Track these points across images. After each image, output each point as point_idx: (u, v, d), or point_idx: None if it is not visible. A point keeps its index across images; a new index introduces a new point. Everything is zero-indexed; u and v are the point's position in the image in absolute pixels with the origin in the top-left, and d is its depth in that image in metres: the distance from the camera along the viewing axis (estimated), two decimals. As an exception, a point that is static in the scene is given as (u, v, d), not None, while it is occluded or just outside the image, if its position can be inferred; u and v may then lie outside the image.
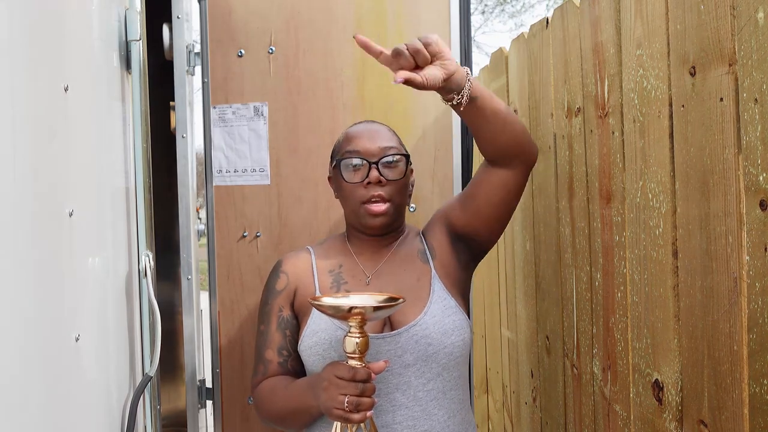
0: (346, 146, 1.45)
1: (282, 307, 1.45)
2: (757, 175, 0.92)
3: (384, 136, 1.45)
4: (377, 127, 1.48)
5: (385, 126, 1.51)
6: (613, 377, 1.43)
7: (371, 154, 1.42)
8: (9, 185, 0.81)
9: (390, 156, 1.42)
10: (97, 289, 1.13)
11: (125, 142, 1.32)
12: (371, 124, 1.51)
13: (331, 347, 1.34)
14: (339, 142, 1.50)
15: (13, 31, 0.84)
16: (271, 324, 1.45)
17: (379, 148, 1.42)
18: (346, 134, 1.49)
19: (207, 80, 2.02)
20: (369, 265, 1.48)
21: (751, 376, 0.96)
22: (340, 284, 1.45)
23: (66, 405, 0.98)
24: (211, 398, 2.09)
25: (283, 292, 1.47)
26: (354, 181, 1.42)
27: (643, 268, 1.27)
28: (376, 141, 1.43)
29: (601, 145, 1.44)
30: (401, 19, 1.96)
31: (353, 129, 1.49)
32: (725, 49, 0.98)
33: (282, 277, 1.48)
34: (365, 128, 1.47)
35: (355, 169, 1.42)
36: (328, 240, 1.58)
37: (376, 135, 1.44)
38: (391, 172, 1.42)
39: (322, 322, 1.37)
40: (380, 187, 1.40)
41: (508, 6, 15.33)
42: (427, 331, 1.36)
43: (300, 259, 1.51)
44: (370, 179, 1.39)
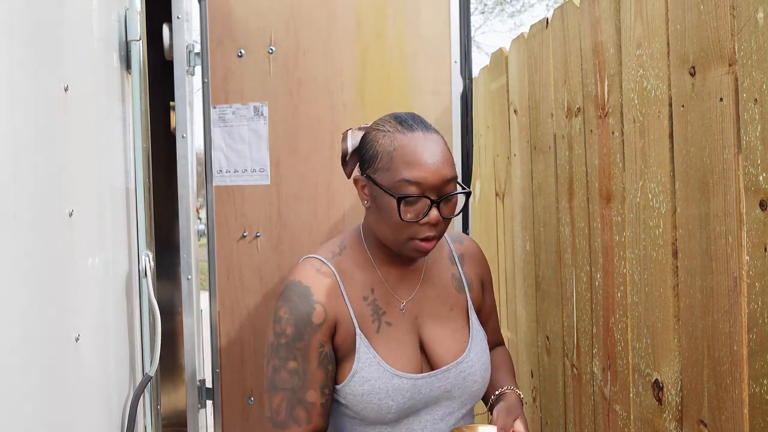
0: (404, 171, 1.20)
1: (323, 343, 1.26)
2: (756, 175, 0.92)
3: (446, 159, 1.23)
4: (437, 143, 1.24)
5: (441, 137, 1.27)
6: (613, 377, 1.43)
7: (433, 188, 1.20)
8: (9, 185, 0.81)
9: (453, 191, 1.24)
10: (97, 289, 1.13)
11: (125, 142, 1.32)
12: (428, 134, 1.24)
13: (388, 396, 1.25)
14: (389, 153, 1.23)
15: (13, 32, 0.84)
16: (311, 361, 1.24)
17: (442, 181, 1.20)
18: (402, 148, 1.22)
19: (207, 80, 2.02)
20: (400, 287, 1.34)
21: (751, 376, 0.96)
22: (379, 315, 1.31)
23: (66, 405, 0.98)
24: (211, 398, 2.09)
25: (322, 326, 1.25)
26: (408, 218, 1.21)
27: (643, 268, 1.27)
28: (439, 169, 1.20)
29: (601, 145, 1.44)
30: (401, 19, 1.96)
31: (411, 144, 1.22)
32: (725, 49, 0.98)
33: (318, 309, 1.25)
34: (425, 146, 1.22)
35: (411, 205, 1.21)
36: (346, 250, 1.35)
37: (438, 160, 1.21)
38: (450, 208, 1.25)
39: (373, 369, 1.26)
40: (436, 225, 1.23)
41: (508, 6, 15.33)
42: (472, 368, 1.34)
43: (327, 284, 1.29)
44: (429, 220, 1.21)
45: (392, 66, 1.96)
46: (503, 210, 2.44)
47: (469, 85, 1.98)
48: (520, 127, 2.10)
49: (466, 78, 1.97)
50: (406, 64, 1.96)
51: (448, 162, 1.23)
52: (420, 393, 1.29)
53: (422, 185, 1.19)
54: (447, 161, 1.23)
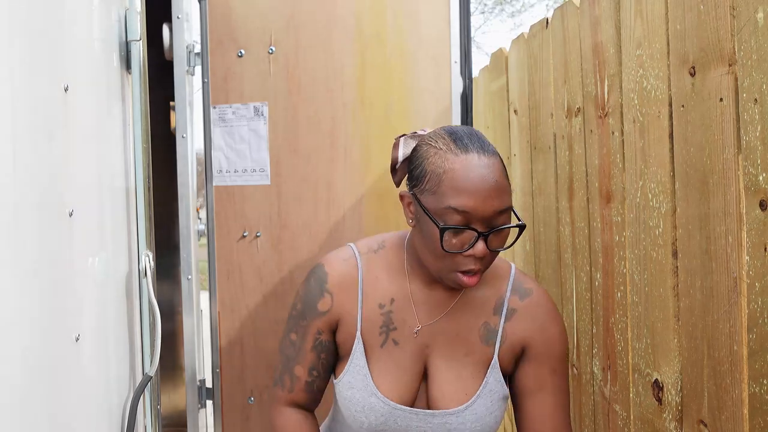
0: (451, 197, 1.09)
1: (321, 331, 1.27)
2: (756, 175, 0.92)
3: (501, 186, 1.10)
4: (493, 168, 1.11)
5: (500, 159, 1.14)
6: (613, 377, 1.43)
7: (483, 219, 1.09)
8: (9, 185, 0.81)
9: (505, 222, 1.12)
10: (97, 289, 1.13)
11: (125, 142, 1.32)
12: (485, 157, 1.11)
13: (363, 412, 1.23)
14: (438, 174, 1.12)
15: (13, 31, 0.84)
16: (306, 342, 1.28)
17: (492, 212, 1.09)
18: (453, 172, 1.10)
19: (207, 80, 2.02)
20: (424, 310, 1.25)
21: (751, 376, 0.96)
22: (388, 329, 1.24)
23: (66, 405, 0.98)
24: (211, 398, 2.09)
25: (324, 316, 1.26)
26: (452, 249, 1.11)
27: (643, 268, 1.27)
28: (492, 198, 1.09)
29: (601, 145, 1.44)
30: (401, 19, 1.96)
31: (462, 167, 1.10)
32: (725, 49, 0.98)
33: (326, 298, 1.26)
34: (479, 171, 1.10)
35: (456, 234, 1.11)
36: (383, 250, 1.29)
37: (492, 187, 1.09)
38: (500, 240, 1.14)
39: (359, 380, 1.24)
40: (482, 259, 1.12)
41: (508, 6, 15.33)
42: (462, 427, 1.22)
43: (347, 277, 1.26)
44: (474, 252, 1.11)
45: (392, 66, 1.96)
46: (503, 210, 2.43)
47: (469, 85, 1.98)
48: (520, 127, 2.10)
49: (466, 78, 1.97)
50: (406, 64, 1.96)
51: (503, 191, 1.10)
52: (396, 423, 1.23)
53: (470, 215, 1.09)
54: (502, 189, 1.10)
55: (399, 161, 1.22)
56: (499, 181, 1.10)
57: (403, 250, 1.28)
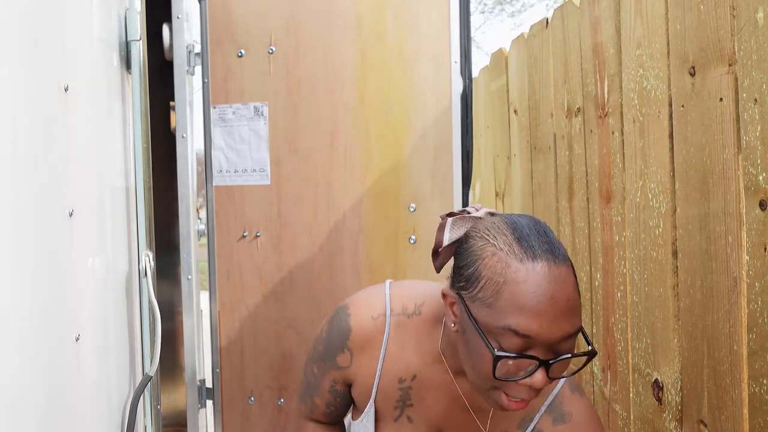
0: (511, 316, 0.90)
1: (337, 381, 1.20)
2: (756, 175, 0.92)
3: (573, 306, 0.91)
4: (566, 288, 0.91)
5: (571, 270, 0.94)
6: (613, 377, 1.43)
7: (547, 345, 0.91)
8: (9, 185, 0.81)
9: (571, 348, 0.94)
10: (97, 289, 1.13)
11: (125, 142, 1.32)
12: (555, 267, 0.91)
13: None
14: (496, 284, 0.92)
15: (13, 31, 0.84)
16: (324, 383, 1.22)
17: (562, 337, 0.90)
18: (516, 285, 0.90)
19: (207, 80, 2.02)
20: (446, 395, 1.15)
21: (751, 375, 0.96)
22: (404, 405, 1.14)
23: (66, 405, 0.98)
24: (211, 398, 2.09)
25: (342, 371, 1.18)
26: (505, 376, 0.93)
27: (643, 268, 1.27)
28: (562, 320, 0.90)
29: (601, 145, 1.44)
30: (401, 19, 1.96)
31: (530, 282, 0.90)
32: (725, 49, 0.98)
33: (346, 354, 1.16)
34: (550, 290, 0.90)
35: (514, 361, 0.92)
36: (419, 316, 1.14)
37: (563, 309, 0.90)
38: (561, 368, 0.95)
39: None
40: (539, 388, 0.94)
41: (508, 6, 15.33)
42: None
43: (371, 341, 1.15)
44: (531, 383, 0.92)
45: (392, 66, 1.96)
46: (503, 210, 2.44)
47: (469, 85, 1.98)
48: (520, 127, 2.10)
49: (467, 78, 1.97)
50: (406, 64, 1.96)
51: (575, 311, 0.91)
52: None
53: (533, 340, 0.90)
54: (573, 310, 0.91)
55: (444, 245, 1.04)
56: (571, 299, 0.91)
57: (440, 327, 1.11)
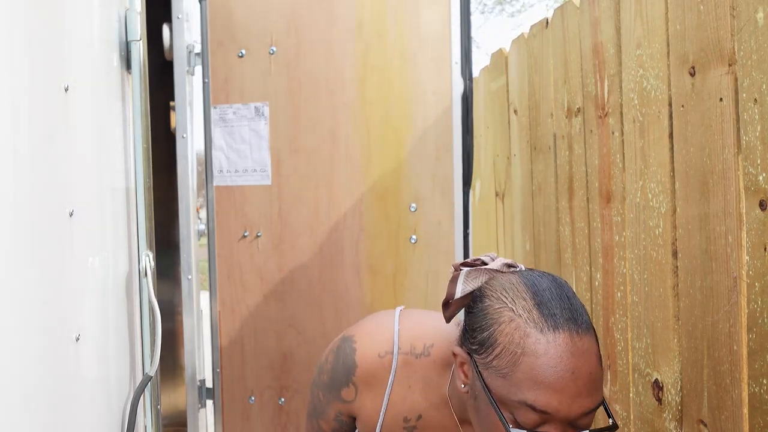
0: (528, 391, 0.84)
1: (341, 413, 1.19)
2: (756, 175, 0.92)
3: (595, 381, 0.85)
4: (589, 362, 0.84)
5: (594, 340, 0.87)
6: (613, 377, 1.43)
7: (567, 421, 0.84)
8: (9, 185, 0.81)
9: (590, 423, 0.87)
10: (97, 289, 1.13)
11: (125, 142, 1.32)
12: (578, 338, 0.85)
13: None
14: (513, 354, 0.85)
15: (13, 31, 0.84)
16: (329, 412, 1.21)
17: (580, 414, 0.84)
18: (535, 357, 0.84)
19: (207, 80, 2.02)
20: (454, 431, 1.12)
21: (751, 375, 0.96)
22: None
23: (66, 405, 0.99)
24: (212, 398, 2.09)
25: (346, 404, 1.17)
26: None
27: (643, 268, 1.27)
28: (584, 396, 0.83)
29: (601, 145, 1.44)
30: (402, 20, 1.96)
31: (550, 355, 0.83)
32: (725, 49, 0.98)
33: (350, 389, 1.15)
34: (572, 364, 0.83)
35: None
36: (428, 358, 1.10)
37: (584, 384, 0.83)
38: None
39: None
40: None
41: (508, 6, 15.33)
42: None
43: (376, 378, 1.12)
44: None
45: (393, 66, 1.96)
46: (503, 210, 2.44)
47: (469, 85, 1.98)
48: (520, 127, 2.10)
49: (467, 78, 1.97)
50: (407, 65, 1.96)
51: (597, 384, 0.84)
52: None
53: (551, 416, 0.83)
54: (596, 383, 0.84)
55: (456, 297, 1.00)
56: (594, 373, 0.84)
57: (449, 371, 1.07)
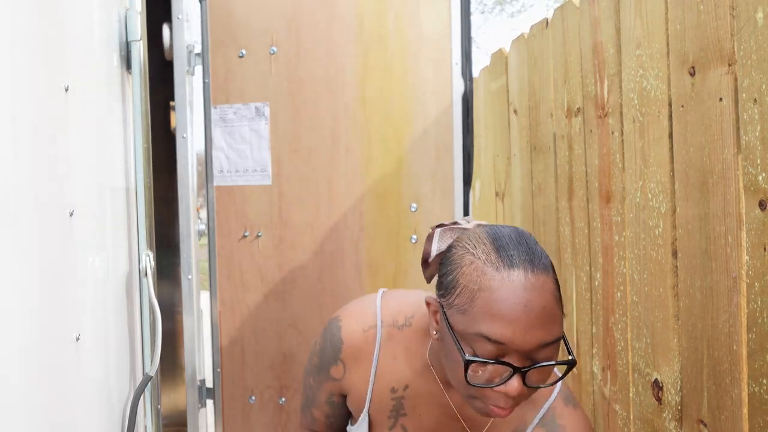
0: (484, 323, 0.89)
1: (333, 393, 1.22)
2: (756, 175, 0.92)
3: (549, 314, 0.89)
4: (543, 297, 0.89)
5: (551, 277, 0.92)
6: (613, 377, 1.43)
7: (521, 353, 0.88)
8: (9, 185, 0.81)
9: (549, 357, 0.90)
10: (97, 289, 1.14)
11: (125, 142, 1.32)
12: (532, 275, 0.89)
13: None
14: (471, 291, 0.91)
15: (13, 31, 0.84)
16: (320, 395, 1.24)
17: (537, 345, 0.88)
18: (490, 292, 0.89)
19: (208, 80, 2.02)
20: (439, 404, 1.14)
21: (751, 375, 0.96)
22: (398, 415, 1.14)
23: (66, 405, 0.99)
24: (212, 398, 2.09)
25: (336, 383, 1.20)
26: (479, 382, 0.91)
27: (643, 268, 1.27)
28: (537, 328, 0.88)
29: (600, 145, 1.44)
30: (402, 20, 1.96)
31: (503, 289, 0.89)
32: (724, 49, 0.98)
33: (339, 367, 1.18)
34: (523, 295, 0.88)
35: (489, 367, 0.91)
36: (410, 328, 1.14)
37: (537, 317, 0.88)
38: (540, 376, 0.92)
39: None
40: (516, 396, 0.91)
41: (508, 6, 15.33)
42: None
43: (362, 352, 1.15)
44: (507, 390, 0.89)
45: (393, 66, 1.96)
46: (503, 210, 2.44)
47: (469, 85, 1.98)
48: (520, 128, 2.10)
49: (467, 79, 1.97)
50: (407, 65, 1.96)
51: (553, 319, 0.89)
52: None
53: (506, 347, 0.88)
54: (551, 318, 0.89)
55: (432, 256, 1.04)
56: (548, 307, 0.89)
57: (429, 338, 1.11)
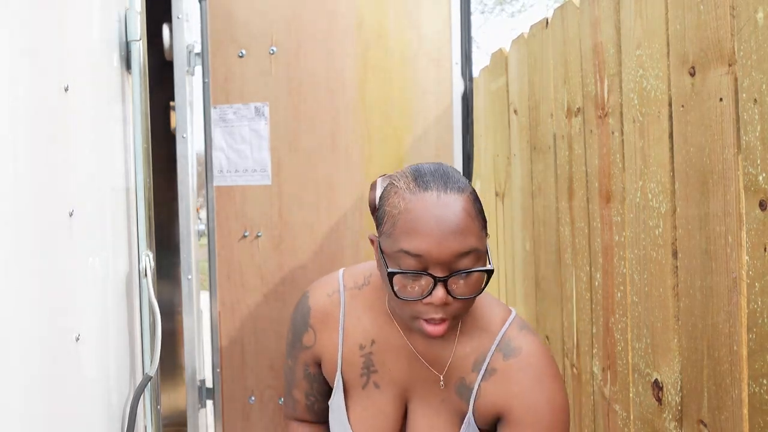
0: (403, 240, 0.99)
1: (308, 363, 1.27)
2: (756, 175, 0.92)
3: (462, 226, 0.98)
4: (453, 207, 0.98)
5: (465, 195, 1.01)
6: (613, 377, 1.43)
7: (440, 263, 0.98)
8: (9, 185, 0.81)
9: (470, 266, 0.99)
10: (97, 289, 1.14)
11: (125, 142, 1.32)
12: (445, 195, 0.99)
13: None
14: (394, 215, 1.01)
15: (13, 31, 0.84)
16: (298, 370, 1.28)
17: (452, 255, 0.97)
18: (406, 212, 0.99)
19: (207, 80, 2.02)
20: (404, 354, 1.19)
21: (751, 375, 0.96)
22: (369, 372, 1.19)
23: (66, 405, 0.99)
24: (212, 398, 2.09)
25: (309, 350, 1.25)
26: (408, 296, 1.01)
27: (643, 268, 1.27)
28: (449, 240, 0.97)
29: (600, 145, 1.44)
30: (402, 21, 1.96)
31: (417, 207, 0.99)
32: (725, 49, 0.98)
33: (309, 333, 1.24)
34: (435, 211, 0.98)
35: (412, 278, 1.00)
36: (368, 286, 1.22)
37: (450, 228, 0.97)
38: (465, 287, 1.01)
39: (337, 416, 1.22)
40: (444, 307, 1.00)
41: (508, 6, 15.34)
42: None
43: (329, 315, 1.22)
44: (432, 300, 0.99)
45: (393, 66, 1.96)
46: (503, 210, 2.44)
47: (469, 85, 1.98)
48: (520, 128, 2.10)
49: (467, 79, 1.97)
50: (407, 65, 1.96)
51: (465, 231, 0.98)
52: None
53: (425, 259, 0.97)
54: (463, 230, 0.97)
55: (377, 202, 1.12)
56: (459, 220, 0.98)
57: (386, 293, 1.18)
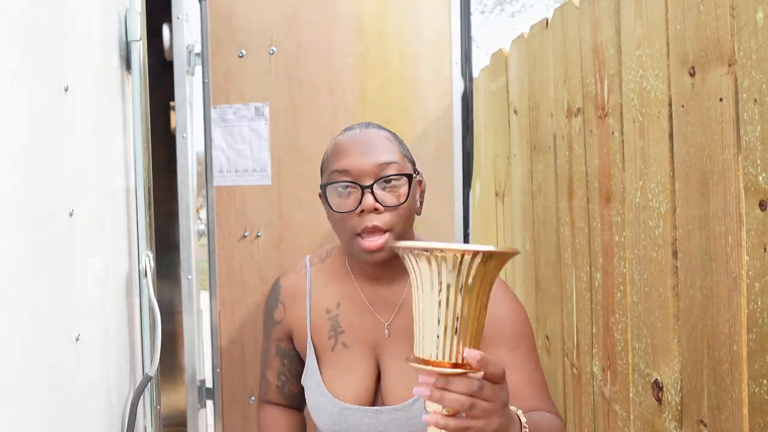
0: (334, 163, 1.18)
1: (280, 339, 1.35)
2: (756, 175, 0.92)
3: (381, 147, 1.17)
4: (372, 135, 1.19)
5: (384, 131, 1.23)
6: (613, 377, 1.43)
7: (364, 174, 1.15)
8: (9, 185, 0.81)
9: (389, 176, 1.16)
10: (97, 289, 1.14)
11: (125, 142, 1.32)
12: (365, 129, 1.21)
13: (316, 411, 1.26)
14: (326, 154, 1.23)
15: (13, 31, 0.84)
16: (271, 348, 1.37)
17: (374, 166, 1.15)
18: (334, 146, 1.21)
19: (207, 80, 2.02)
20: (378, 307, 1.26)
21: (751, 376, 0.96)
22: (337, 333, 1.26)
23: (66, 405, 0.99)
24: (211, 398, 2.09)
25: (280, 325, 1.35)
26: (343, 209, 1.16)
27: (643, 268, 1.27)
28: (369, 155, 1.16)
29: (600, 145, 1.44)
30: (402, 20, 1.96)
31: (342, 139, 1.21)
32: (725, 49, 0.98)
33: (279, 308, 1.35)
34: (356, 137, 1.19)
35: (345, 194, 1.16)
36: (330, 258, 1.34)
37: (370, 147, 1.16)
38: (391, 196, 1.16)
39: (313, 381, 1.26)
40: (377, 215, 1.15)
41: (508, 6, 15.33)
42: (413, 421, 1.19)
43: (297, 288, 1.33)
44: (363, 207, 1.14)
45: (393, 66, 1.96)
46: (503, 210, 2.44)
47: (469, 86, 1.98)
48: (520, 128, 2.10)
49: (467, 79, 1.97)
50: (407, 65, 1.96)
51: (383, 148, 1.17)
52: (347, 422, 1.22)
53: (351, 172, 1.15)
54: (382, 147, 1.17)
55: None
56: (379, 140, 1.18)
57: (345, 254, 1.30)
